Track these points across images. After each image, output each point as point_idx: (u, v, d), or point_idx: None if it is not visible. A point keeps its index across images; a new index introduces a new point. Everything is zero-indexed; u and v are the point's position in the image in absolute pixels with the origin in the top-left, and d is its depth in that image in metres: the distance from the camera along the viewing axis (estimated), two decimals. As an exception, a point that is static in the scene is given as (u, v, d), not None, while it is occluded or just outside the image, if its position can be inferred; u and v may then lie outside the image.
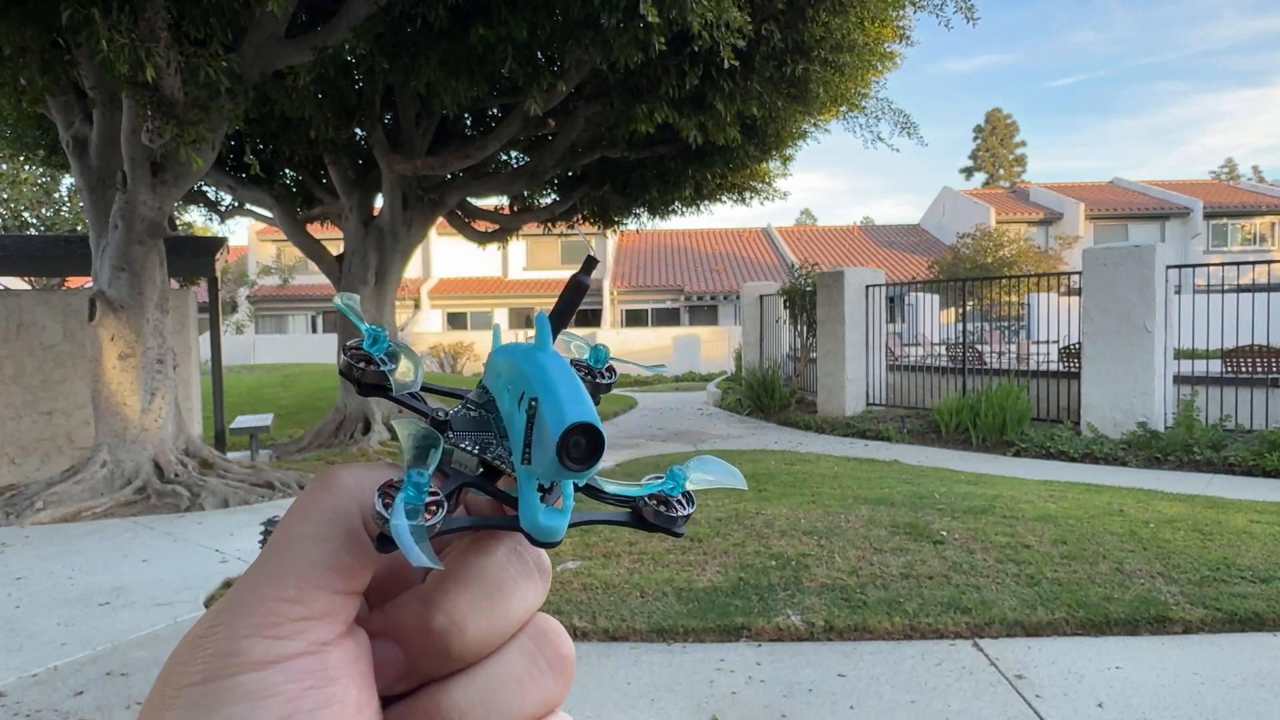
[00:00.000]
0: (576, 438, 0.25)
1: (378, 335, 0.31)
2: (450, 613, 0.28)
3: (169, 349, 6.90)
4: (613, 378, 0.34)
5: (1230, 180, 44.75)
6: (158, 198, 6.42)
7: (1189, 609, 3.55)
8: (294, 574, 0.26)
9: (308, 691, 0.25)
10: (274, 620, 0.25)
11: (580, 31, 6.38)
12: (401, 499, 0.26)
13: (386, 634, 0.29)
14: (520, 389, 0.28)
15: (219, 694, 0.24)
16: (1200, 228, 29.74)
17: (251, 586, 0.26)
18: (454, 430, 0.30)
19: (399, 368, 0.31)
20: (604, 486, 0.32)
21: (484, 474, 0.30)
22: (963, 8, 8.40)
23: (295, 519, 0.28)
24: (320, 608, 0.26)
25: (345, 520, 0.27)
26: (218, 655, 0.25)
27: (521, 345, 0.31)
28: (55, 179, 16.56)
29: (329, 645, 0.26)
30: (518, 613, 0.30)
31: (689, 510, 0.32)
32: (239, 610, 0.26)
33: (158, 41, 5.26)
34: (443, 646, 0.28)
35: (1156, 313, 8.04)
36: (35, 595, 4.28)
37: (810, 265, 13.09)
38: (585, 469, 0.26)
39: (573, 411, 0.26)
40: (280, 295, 28.81)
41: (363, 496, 0.28)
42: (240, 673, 0.24)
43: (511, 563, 0.30)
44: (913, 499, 5.62)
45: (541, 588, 0.31)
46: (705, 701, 2.93)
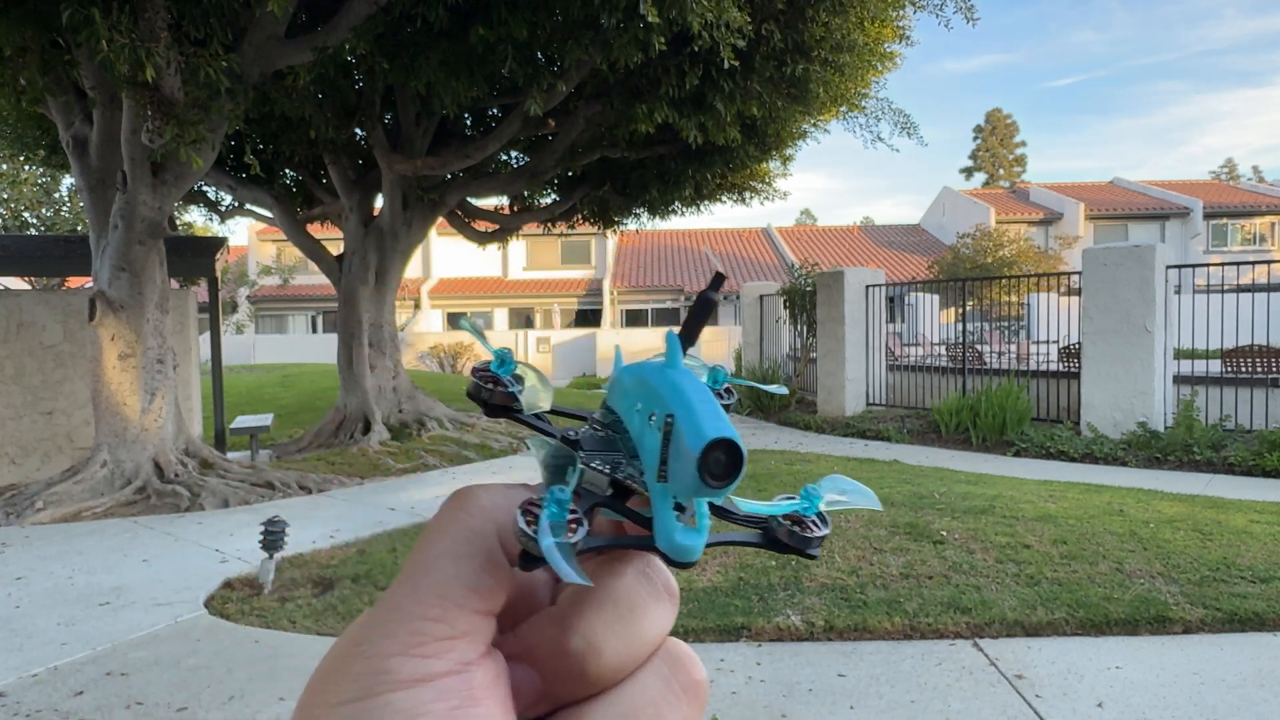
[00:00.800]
0: (717, 454, 0.25)
1: (505, 357, 0.31)
2: (587, 635, 0.28)
3: (169, 349, 6.90)
4: (732, 399, 0.34)
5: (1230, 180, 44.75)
6: (158, 198, 6.42)
7: (1189, 609, 3.55)
8: (437, 593, 0.26)
9: (455, 711, 0.25)
10: (421, 639, 0.25)
11: (580, 31, 6.38)
12: (547, 517, 0.26)
13: (521, 657, 0.29)
14: (651, 406, 0.28)
15: (372, 712, 0.24)
16: (1200, 228, 29.74)
17: (394, 606, 0.26)
18: (585, 450, 0.30)
19: (527, 389, 0.31)
20: (737, 507, 0.32)
21: (615, 493, 0.30)
22: (963, 8, 8.40)
23: (434, 538, 0.28)
24: (463, 627, 0.26)
25: (483, 540, 0.27)
26: (367, 674, 0.25)
27: (650, 363, 0.31)
28: (55, 179, 16.57)
29: (473, 665, 0.26)
30: (650, 636, 0.30)
31: (824, 531, 0.31)
32: (385, 629, 0.26)
33: (158, 41, 5.26)
34: (579, 669, 0.28)
35: (1156, 313, 8.04)
36: (35, 595, 4.28)
37: (810, 265, 13.09)
38: (725, 486, 0.26)
39: (712, 427, 0.25)
40: (280, 295, 28.81)
41: (499, 516, 0.28)
42: (391, 690, 0.24)
43: (642, 584, 0.30)
44: (913, 499, 5.62)
45: (671, 610, 0.31)
46: (705, 701, 2.93)
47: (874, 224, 40.33)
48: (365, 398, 9.64)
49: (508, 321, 29.53)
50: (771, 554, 4.12)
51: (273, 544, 4.19)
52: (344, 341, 9.82)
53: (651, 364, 0.30)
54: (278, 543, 4.21)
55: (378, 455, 8.64)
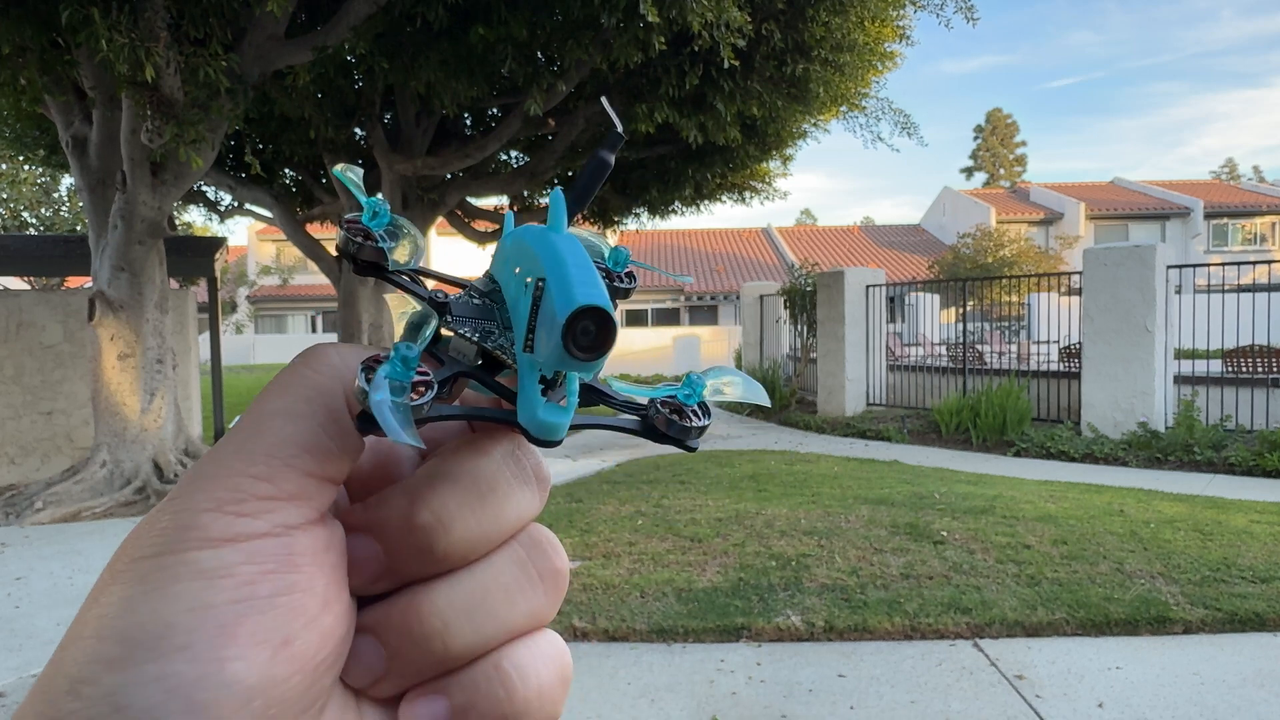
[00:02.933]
0: (585, 323, 0.23)
1: (378, 209, 0.28)
2: (437, 509, 0.26)
3: (169, 349, 6.90)
4: (633, 283, 0.31)
5: (1231, 180, 44.75)
6: (157, 198, 6.41)
7: (1189, 609, 3.55)
8: (264, 450, 0.24)
9: (267, 575, 0.23)
10: (237, 496, 0.23)
11: (580, 31, 6.38)
12: (385, 373, 0.23)
13: (366, 528, 0.27)
14: (529, 272, 0.26)
15: (170, 569, 0.22)
16: (1201, 227, 29.74)
17: (216, 459, 0.24)
18: (453, 315, 0.27)
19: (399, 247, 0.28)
20: (613, 389, 0.29)
21: (483, 365, 0.28)
22: (963, 7, 8.39)
23: (272, 394, 0.25)
24: (290, 489, 0.24)
25: (326, 398, 0.25)
26: (173, 528, 0.23)
27: (533, 226, 0.28)
28: (55, 179, 16.57)
29: (296, 529, 0.24)
30: (510, 519, 0.28)
31: (705, 422, 0.29)
32: (201, 483, 0.24)
33: (157, 41, 5.26)
34: (427, 545, 0.26)
35: (1157, 313, 8.04)
36: (35, 595, 4.28)
37: (810, 265, 13.09)
38: (593, 359, 0.24)
39: (583, 294, 0.23)
40: (280, 295, 28.82)
41: (347, 375, 0.26)
42: (195, 548, 0.22)
43: (508, 465, 0.28)
44: (913, 499, 5.62)
45: (539, 496, 0.29)
46: (705, 702, 2.92)
47: (874, 224, 40.32)
48: (365, 398, 9.63)
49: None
50: (771, 554, 4.08)
51: (272, 544, 4.19)
52: (344, 341, 9.81)
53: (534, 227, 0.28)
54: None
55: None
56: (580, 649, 3.39)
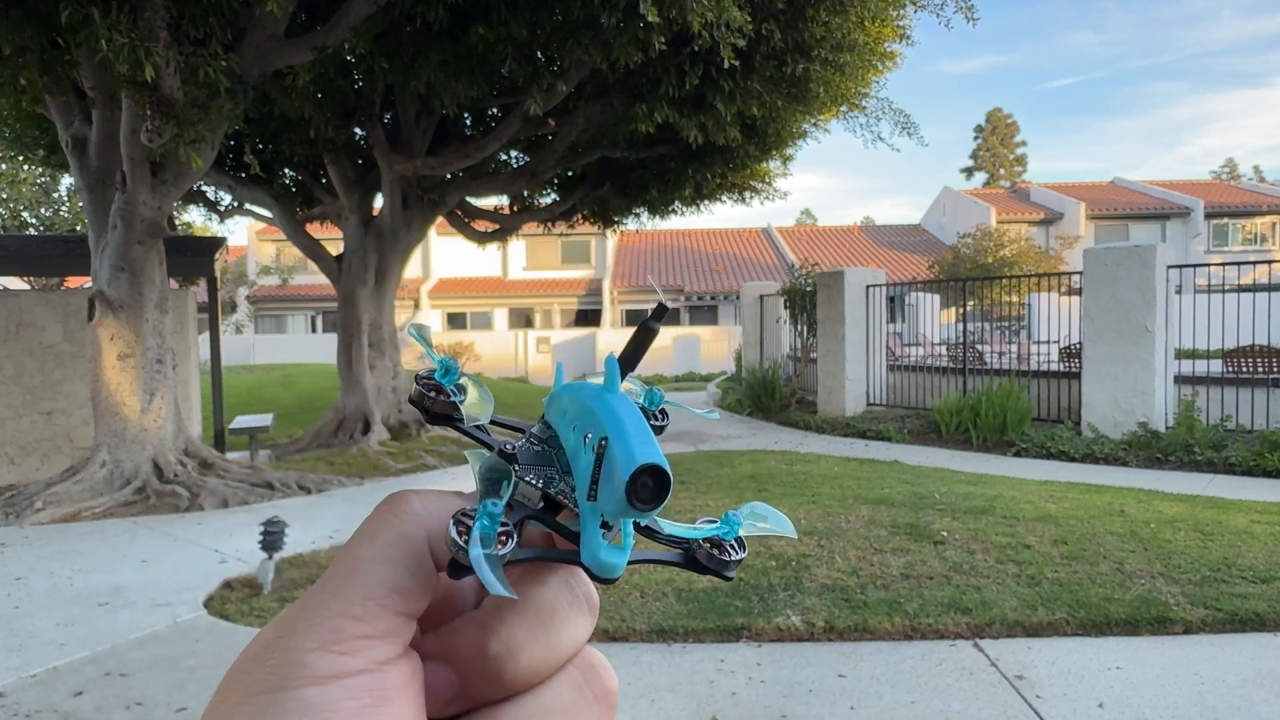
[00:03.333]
0: (644, 479, 0.26)
1: (450, 367, 0.31)
2: (506, 640, 0.29)
3: (168, 349, 6.90)
4: (666, 421, 0.35)
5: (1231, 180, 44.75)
6: (157, 198, 6.41)
7: (1189, 609, 3.55)
8: (360, 593, 0.27)
9: (366, 709, 0.25)
10: (338, 636, 0.26)
11: (580, 31, 6.38)
12: (478, 529, 0.27)
13: (440, 657, 0.30)
14: (587, 427, 0.29)
15: (283, 704, 0.25)
16: (1201, 227, 29.73)
17: (318, 603, 0.27)
18: (520, 464, 0.31)
19: (469, 399, 0.31)
20: (661, 527, 0.33)
21: (545, 507, 0.31)
22: (963, 7, 8.39)
23: (363, 541, 0.28)
24: (382, 627, 0.27)
25: (412, 545, 0.28)
26: (283, 666, 0.25)
27: (589, 385, 0.32)
28: (55, 179, 16.56)
29: (388, 665, 0.27)
30: (568, 644, 0.30)
31: (741, 555, 0.33)
32: (305, 624, 0.26)
33: (157, 41, 5.26)
34: (496, 672, 0.29)
35: (1157, 313, 8.04)
36: (35, 595, 4.28)
37: (810, 265, 13.09)
38: (651, 509, 0.27)
39: (643, 454, 0.26)
40: (280, 295, 28.81)
41: (430, 523, 0.28)
42: (304, 686, 0.25)
43: (564, 595, 0.31)
44: (913, 499, 5.62)
45: (590, 621, 0.32)
46: (705, 702, 2.92)
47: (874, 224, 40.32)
48: (365, 398, 9.64)
49: (507, 321, 29.53)
50: (771, 554, 4.08)
51: (272, 544, 4.19)
52: (343, 341, 9.82)
53: (590, 386, 0.31)
54: (277, 543, 4.20)
55: (377, 455, 8.64)
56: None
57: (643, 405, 0.35)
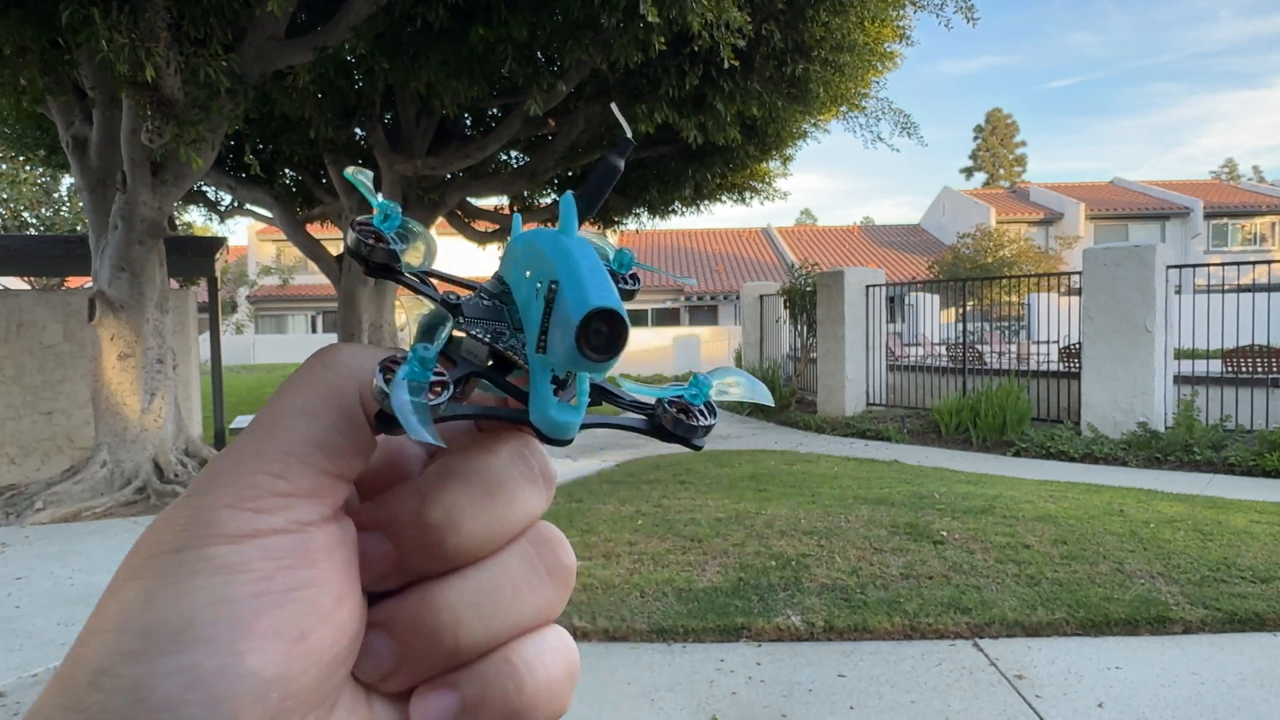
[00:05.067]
0: (598, 324, 0.24)
1: (389, 211, 0.29)
2: (448, 507, 0.27)
3: (169, 349, 6.90)
4: (636, 285, 0.32)
5: (1230, 180, 44.75)
6: (158, 198, 6.41)
7: (1189, 609, 3.55)
8: (281, 448, 0.25)
9: (284, 570, 0.23)
10: (255, 493, 0.24)
11: (580, 31, 6.38)
12: (405, 374, 0.24)
13: (377, 526, 0.27)
14: (539, 275, 0.26)
15: (190, 564, 0.23)
16: (1200, 228, 29.74)
17: (234, 457, 0.25)
18: (465, 316, 0.28)
19: (410, 249, 0.29)
20: (621, 388, 0.30)
21: (494, 366, 0.29)
22: (962, 7, 8.40)
23: (288, 392, 0.26)
24: (306, 486, 0.25)
25: (341, 398, 0.26)
26: (192, 524, 0.23)
27: (544, 230, 0.29)
28: (55, 179, 16.56)
29: (312, 526, 0.25)
30: (518, 516, 0.29)
31: (711, 421, 0.30)
32: (218, 480, 0.24)
33: (158, 41, 5.26)
34: (437, 542, 0.27)
35: (1157, 313, 8.04)
36: (35, 595, 4.28)
37: (810, 265, 13.09)
38: (606, 360, 0.24)
39: (596, 295, 0.24)
40: (280, 295, 28.81)
41: (362, 375, 0.26)
42: (214, 544, 0.23)
43: (516, 464, 0.29)
44: (913, 499, 5.62)
45: (545, 494, 0.30)
46: (705, 701, 2.93)
47: (874, 224, 40.33)
48: (365, 398, 9.63)
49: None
50: (771, 554, 4.08)
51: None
52: (344, 341, 9.82)
53: (545, 230, 0.29)
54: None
55: (378, 455, 8.64)
56: (580, 649, 3.37)
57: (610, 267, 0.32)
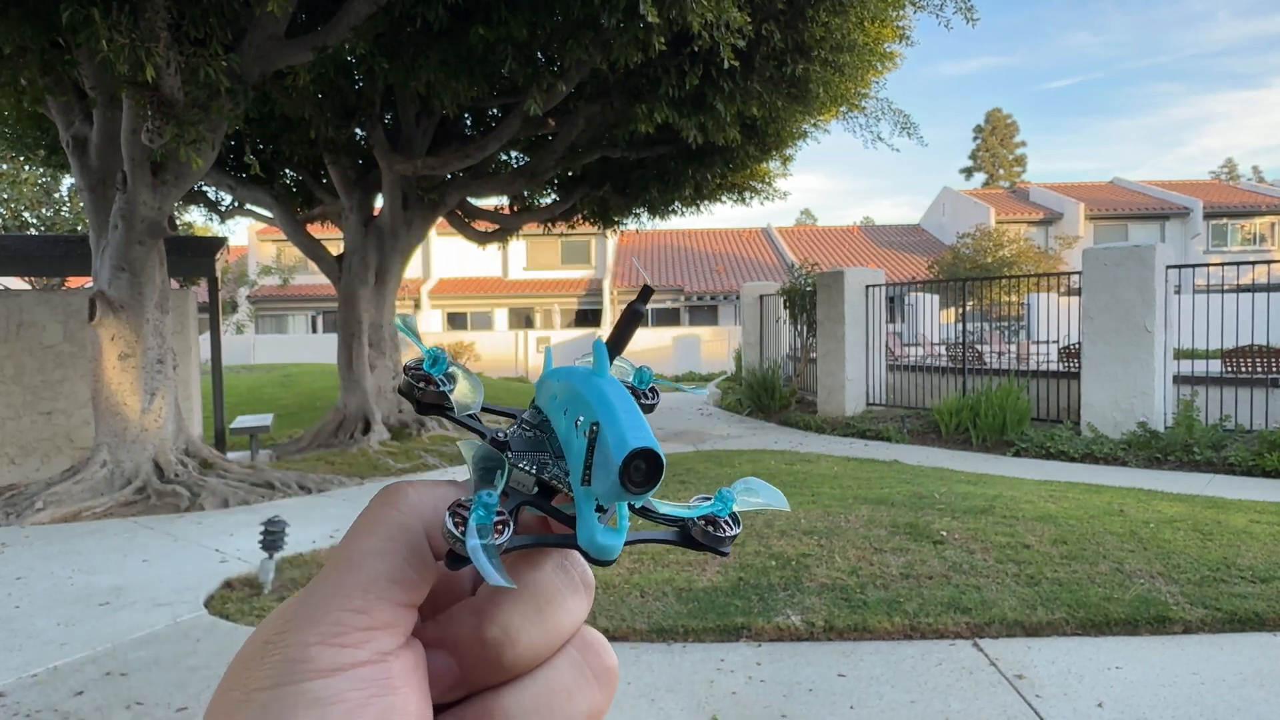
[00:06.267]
0: (638, 462, 0.26)
1: (438, 356, 0.31)
2: (504, 625, 0.29)
3: (169, 349, 6.90)
4: (656, 399, 0.35)
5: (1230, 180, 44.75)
6: (158, 198, 6.41)
7: (1189, 609, 3.55)
8: (360, 586, 0.27)
9: (371, 700, 0.26)
10: (341, 630, 0.26)
11: (580, 31, 6.38)
12: (474, 520, 0.27)
13: (441, 644, 0.30)
14: (578, 412, 0.29)
15: (287, 699, 0.25)
16: (1200, 228, 29.74)
17: (318, 597, 0.27)
18: (513, 451, 0.31)
19: (458, 388, 0.32)
20: (656, 507, 0.33)
21: (540, 492, 0.31)
22: (962, 8, 8.40)
23: (361, 534, 0.29)
24: (384, 619, 0.27)
25: (409, 536, 0.28)
26: (286, 661, 0.26)
27: (579, 369, 0.32)
28: (55, 179, 16.56)
29: (391, 655, 0.27)
30: (565, 625, 0.31)
31: (735, 531, 0.33)
32: (307, 619, 0.27)
33: (158, 41, 5.26)
34: (496, 657, 0.29)
35: (1156, 313, 8.04)
36: (35, 595, 4.28)
37: (810, 265, 13.09)
38: (645, 492, 0.27)
39: (634, 437, 0.27)
40: (280, 295, 28.81)
41: (426, 513, 0.29)
42: (308, 679, 0.25)
43: (559, 577, 0.31)
44: (913, 499, 5.62)
45: (587, 601, 0.32)
46: (705, 701, 2.93)
47: (874, 224, 40.34)
48: (365, 398, 9.64)
49: (508, 321, 29.53)
50: (771, 554, 4.09)
51: (273, 544, 4.19)
52: (344, 341, 9.82)
53: (580, 370, 0.32)
54: (278, 543, 4.20)
55: (378, 455, 8.64)
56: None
57: (631, 384, 0.35)
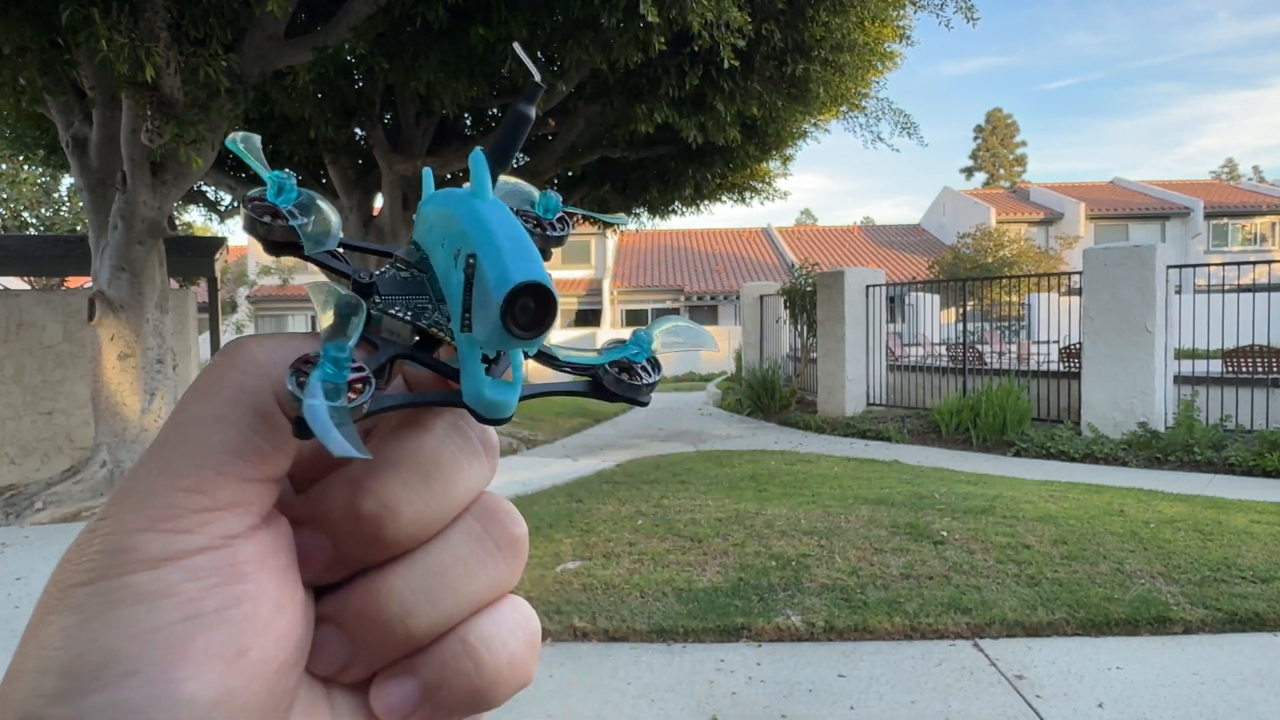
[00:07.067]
0: (524, 300, 0.22)
1: (283, 183, 0.26)
2: (381, 496, 0.26)
3: (169, 349, 6.90)
4: (565, 230, 0.30)
5: (1231, 180, 44.75)
6: (157, 198, 6.41)
7: (1189, 609, 3.55)
8: (193, 460, 0.23)
9: (212, 590, 0.22)
10: (171, 512, 0.22)
11: (580, 31, 6.38)
12: (318, 377, 0.22)
13: (311, 521, 0.26)
14: (457, 244, 0.25)
15: (109, 594, 0.21)
16: (1201, 228, 29.74)
17: (144, 476, 0.23)
18: (381, 294, 0.26)
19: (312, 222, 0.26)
20: (558, 354, 0.29)
21: (419, 343, 0.26)
22: (962, 7, 8.39)
23: (195, 398, 0.24)
24: (226, 497, 0.23)
25: (254, 399, 0.24)
26: (106, 552, 0.22)
27: (456, 191, 0.27)
28: (55, 179, 16.56)
29: (238, 538, 0.23)
30: (460, 493, 0.27)
31: (655, 378, 0.29)
32: (130, 502, 0.23)
33: (158, 41, 5.26)
34: (374, 533, 0.26)
35: (1157, 313, 8.04)
36: (35, 595, 4.28)
37: (810, 265, 13.08)
38: (534, 336, 0.23)
39: (518, 270, 0.22)
40: (280, 295, 28.82)
41: (275, 372, 0.24)
42: (132, 571, 0.22)
43: (452, 439, 0.27)
44: (913, 499, 5.62)
45: (488, 465, 0.28)
46: (705, 702, 2.92)
47: (874, 224, 40.34)
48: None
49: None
50: (771, 554, 4.07)
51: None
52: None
53: (458, 192, 0.27)
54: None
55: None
56: (580, 649, 3.39)
57: (536, 212, 0.30)
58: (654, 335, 0.29)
